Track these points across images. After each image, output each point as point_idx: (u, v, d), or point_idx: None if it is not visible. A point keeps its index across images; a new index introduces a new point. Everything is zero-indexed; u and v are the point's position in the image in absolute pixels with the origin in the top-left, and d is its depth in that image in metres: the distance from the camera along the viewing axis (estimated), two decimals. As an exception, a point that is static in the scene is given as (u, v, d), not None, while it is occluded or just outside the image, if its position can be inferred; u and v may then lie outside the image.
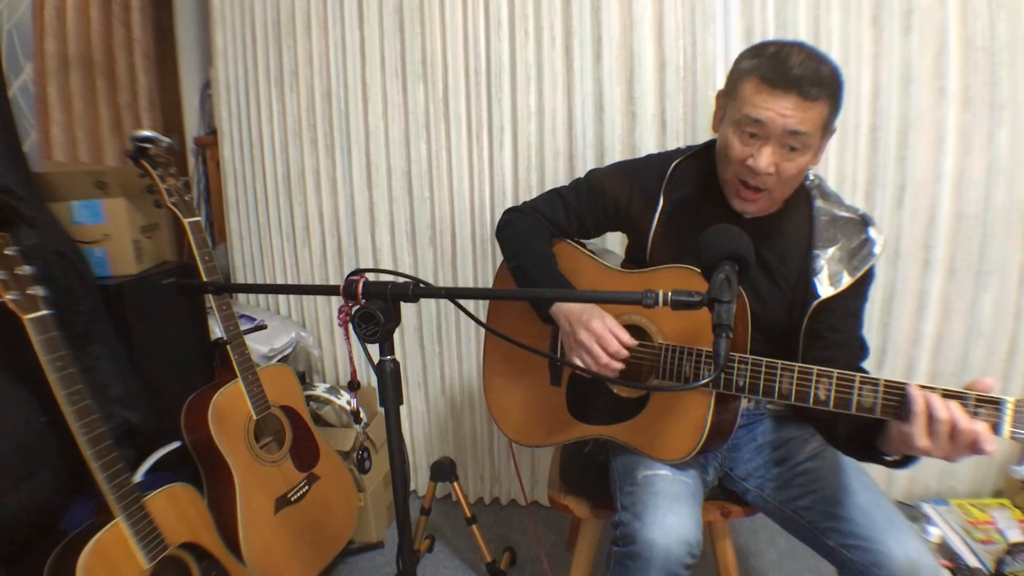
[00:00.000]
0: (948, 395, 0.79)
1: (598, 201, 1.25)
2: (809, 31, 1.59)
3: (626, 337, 1.06)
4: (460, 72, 1.79)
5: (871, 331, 1.74)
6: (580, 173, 1.36)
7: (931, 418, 0.78)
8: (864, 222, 1.10)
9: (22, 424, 1.20)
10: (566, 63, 1.72)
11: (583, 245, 1.29)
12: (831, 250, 1.08)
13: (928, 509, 1.72)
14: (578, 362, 1.09)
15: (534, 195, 1.59)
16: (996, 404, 0.77)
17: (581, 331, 1.07)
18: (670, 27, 1.64)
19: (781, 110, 0.96)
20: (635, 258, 1.25)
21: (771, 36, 1.60)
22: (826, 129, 1.01)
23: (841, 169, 1.66)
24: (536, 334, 1.24)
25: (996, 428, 0.76)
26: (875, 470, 1.90)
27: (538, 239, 1.25)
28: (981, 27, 1.53)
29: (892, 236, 1.68)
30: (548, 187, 1.33)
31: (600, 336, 1.05)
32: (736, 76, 1.03)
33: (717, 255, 0.83)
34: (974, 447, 0.76)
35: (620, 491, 1.08)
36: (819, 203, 1.12)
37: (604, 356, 1.05)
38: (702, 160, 1.19)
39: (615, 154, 1.71)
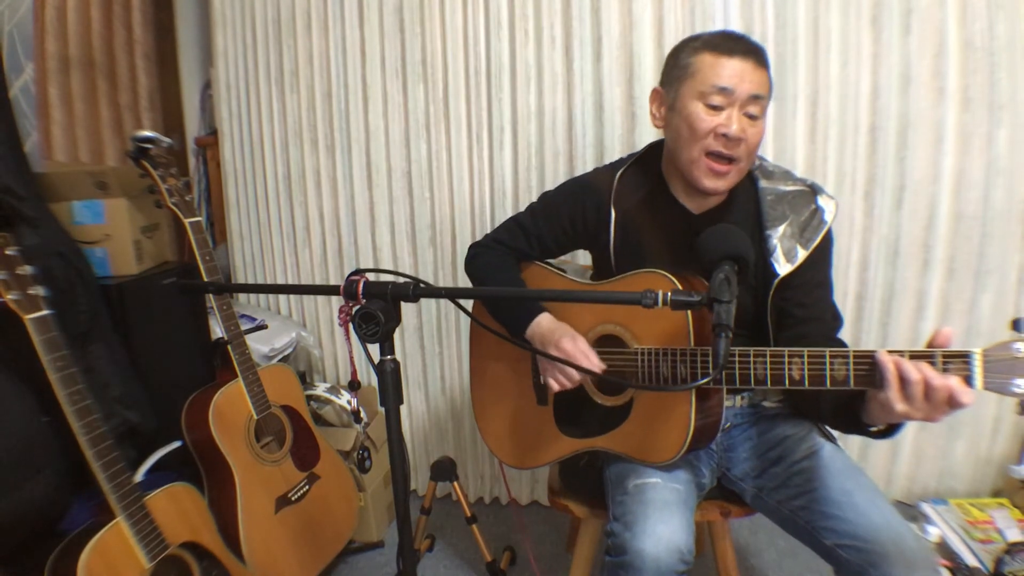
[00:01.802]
0: (916, 356, 0.80)
1: (554, 222, 1.26)
2: (809, 31, 1.60)
3: (595, 359, 1.06)
4: (460, 72, 1.79)
5: (870, 331, 1.75)
6: (580, 173, 1.36)
7: (903, 381, 0.79)
8: (813, 191, 1.11)
9: (23, 424, 1.20)
10: (566, 63, 1.72)
11: (551, 265, 1.30)
12: (781, 227, 1.09)
13: (927, 509, 1.73)
14: (553, 383, 1.10)
15: (534, 196, 1.59)
16: (964, 358, 0.77)
17: (552, 351, 1.07)
18: (670, 27, 1.64)
19: (742, 75, 1.01)
20: (602, 271, 1.26)
21: (771, 36, 1.60)
22: (769, 100, 1.07)
23: (841, 169, 1.67)
24: (517, 356, 1.25)
25: (969, 381, 0.77)
26: (873, 469, 1.90)
27: (506, 270, 1.26)
28: (980, 28, 1.53)
29: (891, 236, 1.68)
30: (548, 187, 1.34)
31: (570, 354, 1.05)
32: (685, 58, 1.07)
33: (716, 255, 0.84)
34: (951, 402, 0.76)
35: (612, 501, 1.09)
36: (763, 183, 1.14)
37: (576, 374, 1.06)
38: (645, 164, 1.21)
39: (615, 154, 1.72)
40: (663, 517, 0.99)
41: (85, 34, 2.04)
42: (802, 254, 1.07)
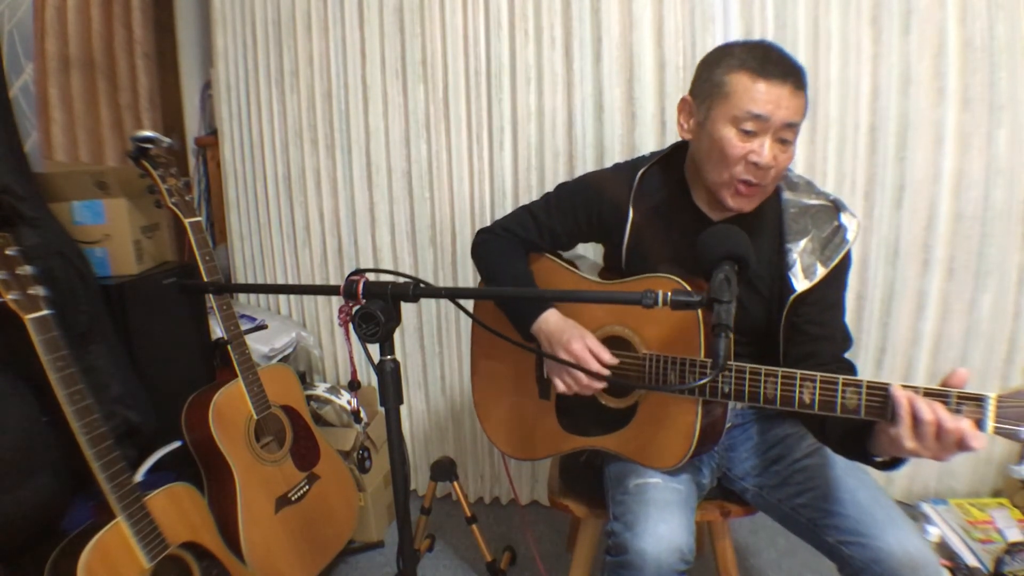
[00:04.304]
0: (930, 394, 0.79)
1: (568, 215, 1.23)
2: (809, 31, 1.60)
3: (606, 356, 1.05)
4: (460, 72, 1.79)
5: (870, 331, 1.75)
6: (580, 173, 1.36)
7: (916, 420, 0.78)
8: (836, 208, 1.09)
9: (23, 424, 1.20)
10: (566, 64, 1.72)
11: (561, 257, 1.29)
12: (803, 242, 1.07)
13: (927, 508, 1.73)
14: (559, 384, 1.09)
15: (534, 195, 1.59)
16: (978, 400, 0.76)
17: (561, 353, 1.06)
18: (670, 28, 1.64)
19: (778, 101, 0.97)
20: (612, 266, 1.25)
21: (770, 37, 1.60)
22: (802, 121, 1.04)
23: (841, 169, 1.67)
24: (521, 353, 1.24)
25: (980, 424, 0.76)
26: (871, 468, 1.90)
27: (514, 260, 1.24)
28: (980, 28, 1.53)
29: (891, 236, 1.68)
30: (548, 187, 1.33)
31: (580, 358, 1.04)
32: (720, 75, 1.01)
33: (716, 255, 0.83)
34: (961, 444, 0.76)
35: (612, 500, 1.08)
36: (787, 195, 1.11)
37: (584, 378, 1.05)
38: (669, 166, 1.18)
39: (615, 154, 1.72)
40: (664, 517, 0.99)
41: (85, 34, 2.04)
42: (821, 271, 1.05)
